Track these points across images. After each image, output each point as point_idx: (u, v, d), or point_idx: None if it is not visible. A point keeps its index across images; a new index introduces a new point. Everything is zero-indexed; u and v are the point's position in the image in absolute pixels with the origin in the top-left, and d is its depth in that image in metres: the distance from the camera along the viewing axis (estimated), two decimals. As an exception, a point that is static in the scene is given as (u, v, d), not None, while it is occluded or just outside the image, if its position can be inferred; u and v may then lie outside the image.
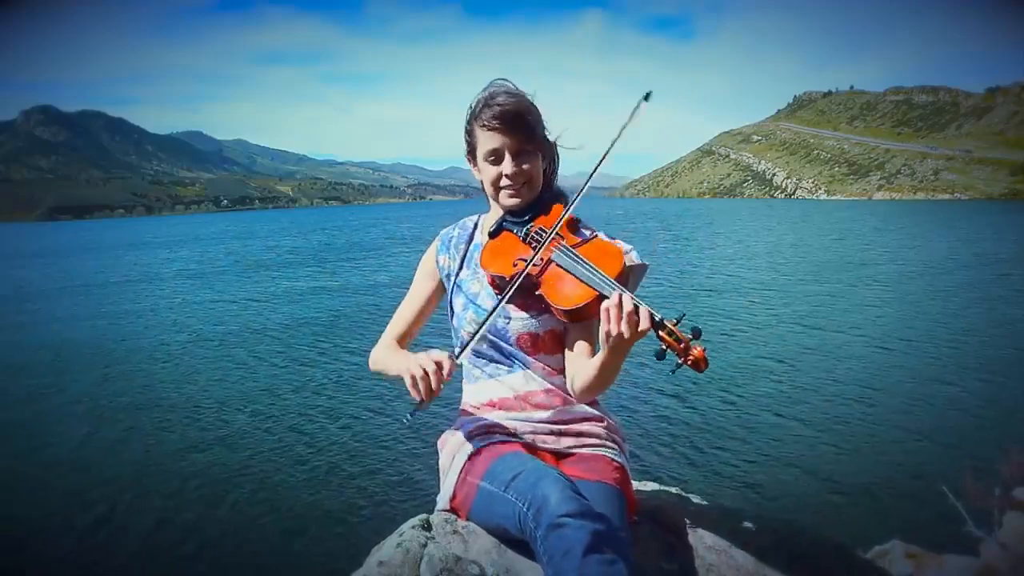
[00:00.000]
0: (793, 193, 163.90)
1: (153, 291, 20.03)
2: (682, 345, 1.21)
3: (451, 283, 1.66)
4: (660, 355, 1.23)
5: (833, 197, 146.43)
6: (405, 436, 7.03)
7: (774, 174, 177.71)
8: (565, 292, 1.40)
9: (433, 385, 1.35)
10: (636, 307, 1.25)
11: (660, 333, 1.23)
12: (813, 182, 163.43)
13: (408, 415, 1.41)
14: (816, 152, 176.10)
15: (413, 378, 1.36)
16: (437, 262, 1.69)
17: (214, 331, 13.34)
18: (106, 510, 5.74)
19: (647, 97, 1.41)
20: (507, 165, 1.52)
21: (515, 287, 1.44)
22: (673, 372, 1.24)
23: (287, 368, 10.27)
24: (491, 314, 1.45)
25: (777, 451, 6.51)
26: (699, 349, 1.20)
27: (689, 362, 1.20)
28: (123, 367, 10.71)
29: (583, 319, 1.41)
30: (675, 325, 1.23)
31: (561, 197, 1.62)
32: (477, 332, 1.45)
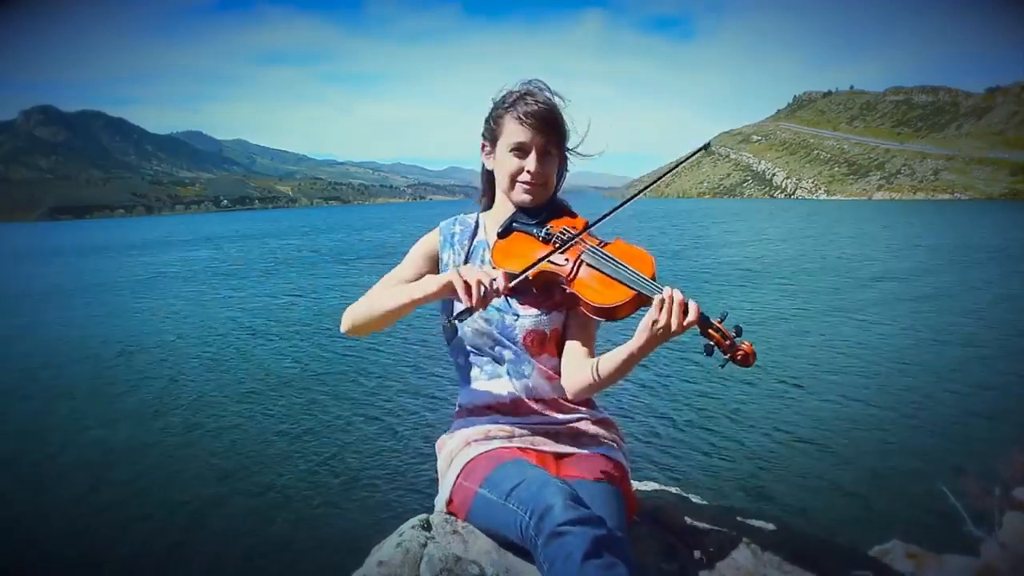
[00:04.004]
0: (793, 193, 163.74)
1: (164, 290, 20.02)
2: (728, 342, 1.25)
3: None
4: (708, 350, 1.27)
5: (833, 197, 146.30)
6: (406, 436, 7.04)
7: (774, 174, 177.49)
8: (601, 290, 1.39)
9: (488, 293, 1.30)
10: (686, 302, 1.27)
11: (708, 330, 1.27)
12: (813, 182, 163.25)
13: (455, 319, 1.33)
14: (816, 152, 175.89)
15: (467, 283, 1.30)
16: (441, 256, 1.62)
17: (216, 331, 13.35)
18: (107, 509, 5.76)
19: (707, 147, 1.47)
20: (531, 162, 1.51)
21: (539, 267, 1.42)
22: (723, 367, 1.29)
23: (287, 368, 10.27)
24: (540, 260, 1.42)
25: (777, 451, 6.51)
26: (747, 344, 1.25)
27: (738, 357, 1.25)
28: (120, 367, 10.71)
29: (613, 318, 1.40)
30: (720, 323, 1.27)
31: (565, 204, 1.62)
32: (528, 269, 1.40)
